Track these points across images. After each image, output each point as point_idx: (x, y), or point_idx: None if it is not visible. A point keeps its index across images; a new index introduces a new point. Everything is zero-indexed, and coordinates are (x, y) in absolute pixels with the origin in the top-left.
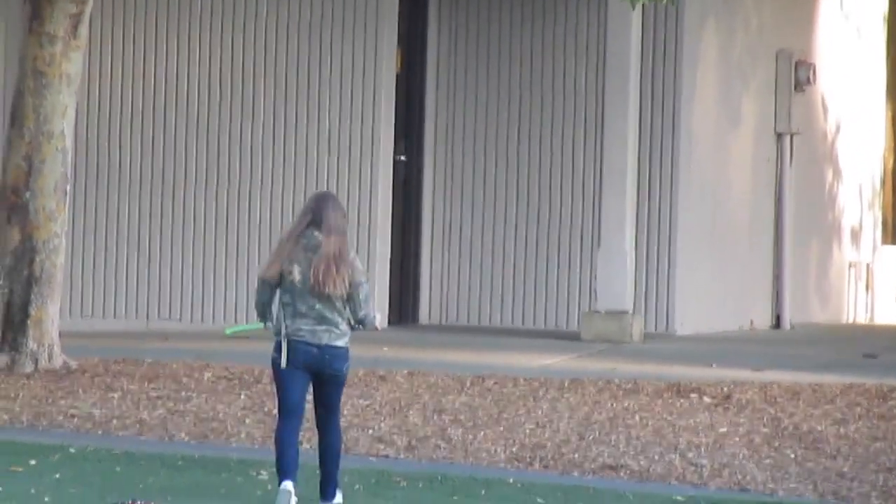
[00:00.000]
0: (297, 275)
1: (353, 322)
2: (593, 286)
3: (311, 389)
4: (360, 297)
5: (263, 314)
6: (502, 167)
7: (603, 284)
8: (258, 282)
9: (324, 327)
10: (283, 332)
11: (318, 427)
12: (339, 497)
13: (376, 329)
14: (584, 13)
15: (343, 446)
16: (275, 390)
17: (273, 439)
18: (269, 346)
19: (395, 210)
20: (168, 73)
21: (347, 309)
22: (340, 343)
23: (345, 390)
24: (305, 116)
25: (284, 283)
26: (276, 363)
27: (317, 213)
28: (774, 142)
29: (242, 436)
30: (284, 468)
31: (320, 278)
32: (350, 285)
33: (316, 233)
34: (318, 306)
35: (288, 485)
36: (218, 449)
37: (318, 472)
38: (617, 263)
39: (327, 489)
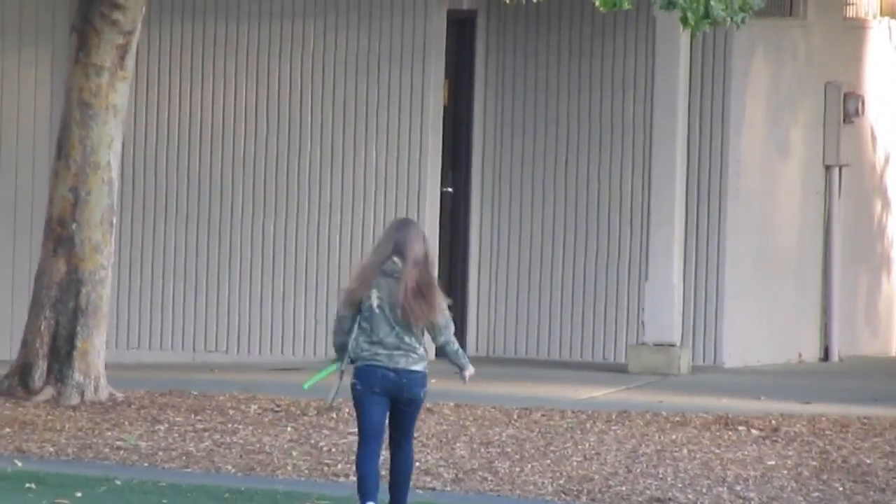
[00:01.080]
0: (375, 300)
1: (436, 346)
2: (641, 318)
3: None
4: (441, 322)
5: (342, 346)
6: (549, 199)
7: (651, 317)
8: (338, 310)
9: (401, 352)
10: (362, 357)
11: (390, 450)
12: None
13: (465, 369)
14: (631, 45)
15: (410, 475)
16: (355, 415)
17: (354, 463)
18: (318, 369)
19: (443, 241)
20: (215, 105)
21: (427, 335)
22: (418, 368)
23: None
24: (353, 148)
25: (363, 310)
26: (355, 388)
27: (398, 241)
28: (823, 174)
29: (289, 468)
30: (366, 490)
31: (400, 307)
32: (430, 315)
33: (397, 260)
34: (396, 332)
35: None
36: (264, 481)
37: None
38: (665, 296)
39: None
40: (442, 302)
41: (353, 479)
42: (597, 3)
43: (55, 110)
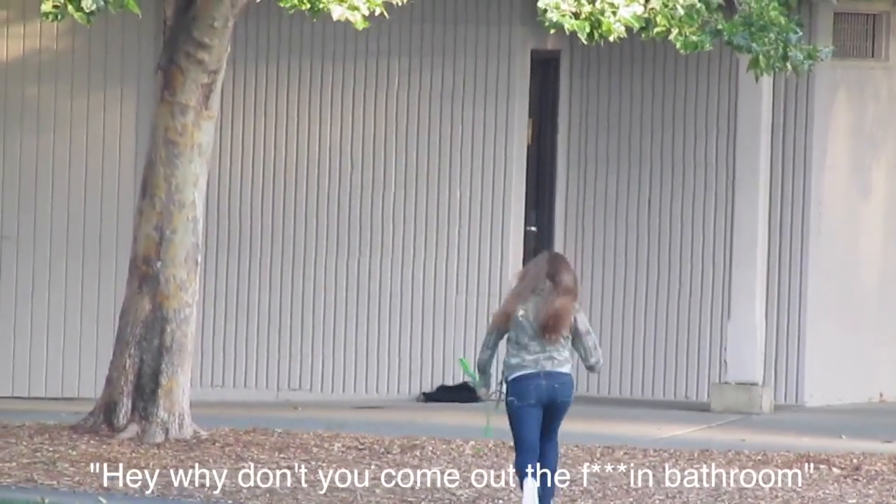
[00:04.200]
0: (521, 312)
1: (586, 366)
2: (723, 357)
3: None
4: (589, 344)
5: (485, 363)
6: (632, 238)
7: (733, 355)
8: (489, 328)
9: (546, 355)
10: (511, 366)
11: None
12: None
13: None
14: (714, 85)
15: (557, 462)
16: (510, 427)
17: (515, 472)
18: (398, 414)
19: None
20: (299, 144)
21: (576, 356)
22: (565, 370)
23: (474, 461)
24: (437, 187)
25: (512, 325)
26: (512, 404)
27: (552, 270)
28: None
29: None
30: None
31: (548, 326)
32: (574, 334)
33: (549, 284)
34: (540, 340)
35: (531, 482)
36: None
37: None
38: (747, 335)
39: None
40: (586, 326)
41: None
42: (678, 46)
43: (140, 149)
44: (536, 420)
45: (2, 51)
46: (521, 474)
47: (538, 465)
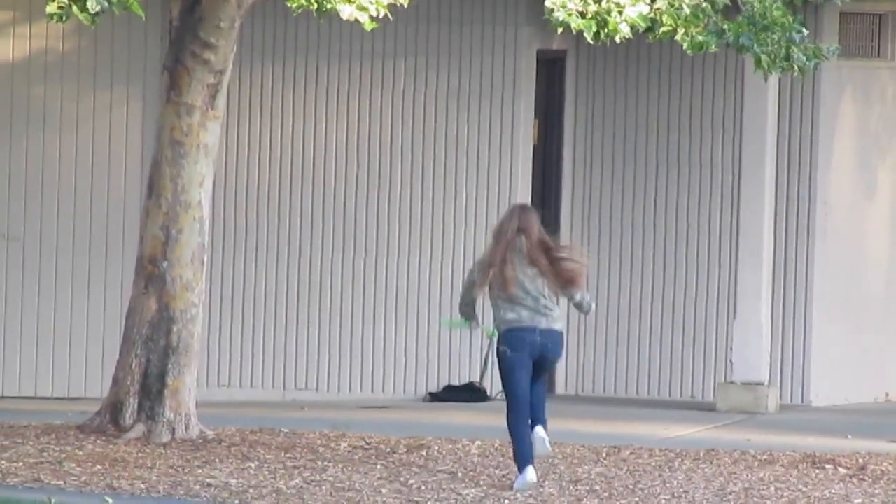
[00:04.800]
0: (510, 273)
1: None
2: (729, 357)
3: None
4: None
5: (468, 314)
6: (638, 238)
7: (739, 355)
8: (468, 280)
9: (542, 312)
10: (507, 321)
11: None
12: (544, 433)
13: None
14: (720, 85)
15: (545, 396)
16: (501, 381)
17: (508, 429)
18: (404, 414)
19: None
20: (305, 144)
21: (561, 296)
22: (557, 327)
23: (480, 460)
24: (442, 188)
25: (497, 282)
26: (505, 354)
27: (522, 222)
28: None
29: None
30: (525, 455)
31: (564, 285)
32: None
33: (524, 238)
34: (532, 294)
35: (531, 471)
36: None
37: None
38: (753, 334)
39: (537, 421)
40: (576, 261)
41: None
42: (685, 47)
43: (146, 149)
44: (528, 371)
45: (8, 51)
46: (517, 443)
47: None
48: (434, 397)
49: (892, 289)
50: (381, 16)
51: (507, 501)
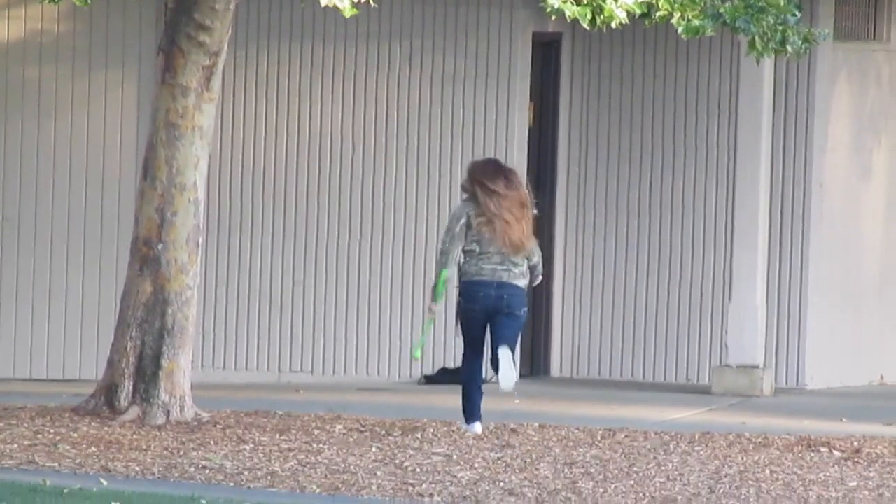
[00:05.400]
0: (484, 226)
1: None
2: (724, 340)
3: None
4: (534, 255)
5: (445, 263)
6: (634, 221)
7: (734, 338)
8: (447, 231)
9: (504, 267)
10: (468, 273)
11: (492, 363)
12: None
13: (539, 279)
14: (716, 68)
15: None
16: (461, 331)
17: (461, 377)
18: (399, 396)
19: None
20: (301, 126)
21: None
22: (518, 283)
23: (475, 442)
24: (438, 170)
25: (471, 233)
26: (460, 305)
27: (502, 176)
28: None
29: (374, 488)
30: (472, 412)
31: (505, 233)
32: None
33: (503, 191)
34: (502, 251)
35: (477, 426)
36: (349, 500)
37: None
38: (748, 317)
39: (496, 345)
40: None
41: (438, 499)
42: (680, 31)
43: (141, 131)
44: (483, 323)
45: (2, 33)
46: (467, 395)
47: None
48: (429, 380)
49: (887, 271)
50: (361, 1)
51: (502, 483)
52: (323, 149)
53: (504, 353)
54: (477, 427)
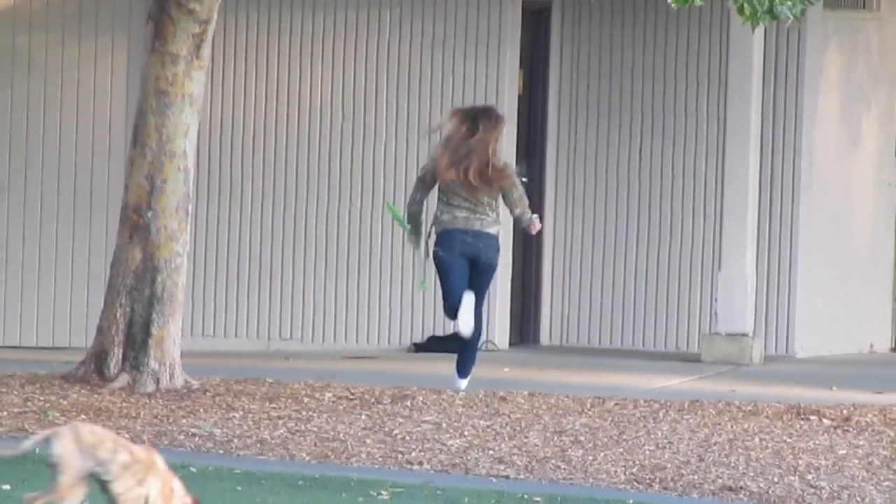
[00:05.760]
0: (453, 174)
1: (513, 217)
2: (714, 308)
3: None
4: (515, 196)
5: (413, 215)
6: (623, 188)
7: (723, 307)
8: (417, 178)
9: (476, 216)
10: (442, 222)
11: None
12: (465, 383)
13: (539, 229)
14: (706, 36)
15: (481, 336)
16: (438, 281)
17: (445, 314)
18: (389, 364)
19: (517, 231)
20: (290, 94)
21: (503, 204)
22: (492, 231)
23: (464, 410)
24: (428, 138)
25: (443, 183)
26: (437, 254)
27: (474, 123)
28: (895, 165)
29: (363, 456)
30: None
31: (472, 179)
32: (501, 188)
33: (471, 140)
34: (472, 200)
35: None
36: (338, 469)
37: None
38: (737, 286)
39: (464, 367)
40: (512, 179)
41: (428, 466)
42: (669, 0)
43: (131, 99)
44: (462, 270)
45: None
46: (451, 315)
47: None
48: (418, 348)
49: (876, 240)
50: None
51: (491, 451)
52: (312, 116)
53: (468, 297)
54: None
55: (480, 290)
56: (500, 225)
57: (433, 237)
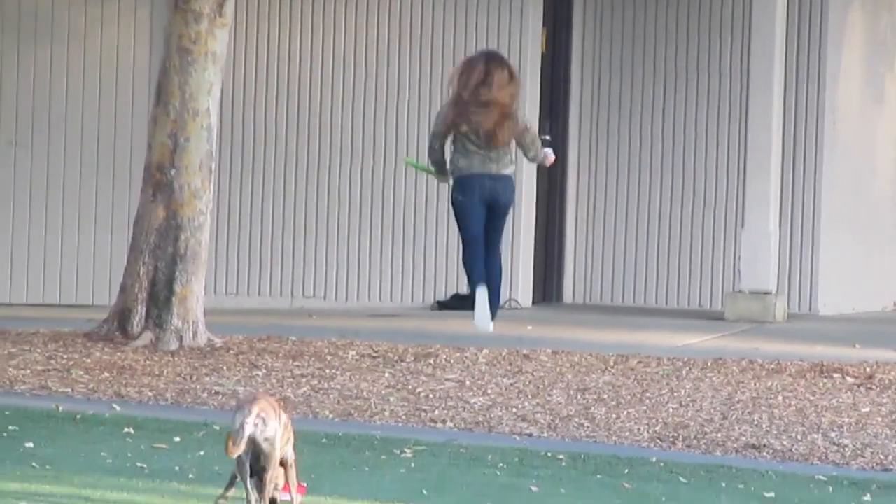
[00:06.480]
0: (468, 125)
1: (527, 158)
2: (737, 266)
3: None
4: (528, 141)
5: (436, 162)
6: (647, 147)
7: (747, 265)
8: (432, 130)
9: (492, 160)
10: (459, 169)
11: (485, 247)
12: (492, 326)
13: (553, 160)
14: None
15: (502, 277)
16: (458, 227)
17: (463, 264)
18: (412, 322)
19: (540, 189)
20: (314, 52)
21: (519, 151)
22: (508, 172)
23: (488, 368)
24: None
25: (459, 131)
26: (457, 200)
27: (487, 71)
28: None
29: (386, 414)
30: (477, 278)
31: (488, 129)
32: (517, 135)
33: (484, 89)
34: (484, 147)
35: (483, 289)
36: (361, 427)
37: None
38: (761, 244)
39: (491, 311)
40: (525, 125)
41: (451, 424)
42: None
43: (154, 57)
44: (480, 215)
45: None
46: (470, 273)
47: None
48: (442, 306)
49: None
50: None
51: (514, 409)
52: (335, 74)
53: (482, 293)
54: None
55: (497, 232)
56: (514, 164)
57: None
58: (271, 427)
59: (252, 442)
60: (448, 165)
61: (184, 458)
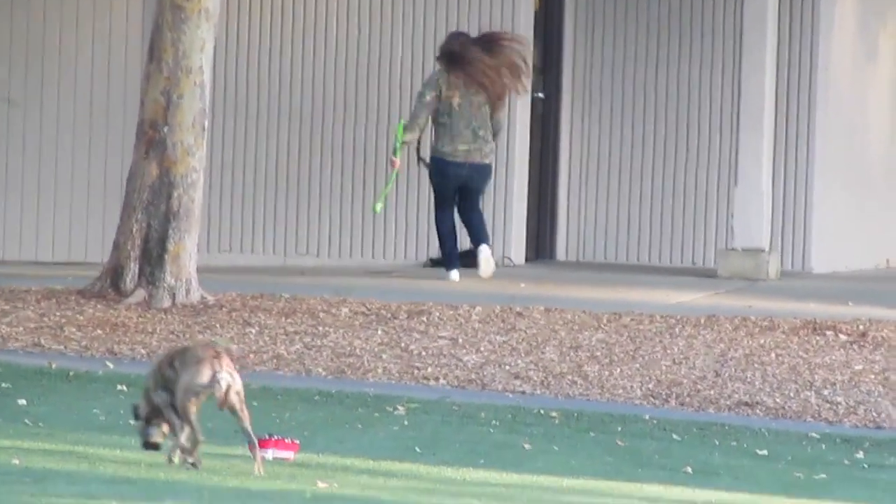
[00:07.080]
0: (456, 98)
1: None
2: (730, 224)
3: None
4: (501, 116)
5: (412, 128)
6: (640, 104)
7: (740, 222)
8: (419, 96)
9: (476, 146)
10: (443, 153)
11: (461, 217)
12: (489, 252)
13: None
14: None
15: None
16: (433, 190)
17: (436, 225)
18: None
19: (533, 147)
20: (306, 8)
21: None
22: (488, 161)
23: (481, 326)
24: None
25: (443, 107)
26: (432, 174)
27: (457, 46)
28: None
29: (379, 371)
30: (451, 260)
31: (479, 88)
32: (500, 100)
33: (469, 67)
34: (473, 126)
35: (455, 273)
36: (354, 384)
37: None
38: (754, 201)
39: (480, 238)
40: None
41: (444, 382)
42: None
43: (147, 14)
44: (454, 190)
45: None
46: (441, 236)
47: (465, 224)
48: (435, 263)
49: (892, 155)
50: None
51: (507, 367)
52: (329, 31)
53: (486, 249)
54: (455, 274)
55: (473, 202)
56: (494, 153)
57: (431, 164)
58: (238, 380)
59: (165, 382)
60: (431, 151)
61: None
